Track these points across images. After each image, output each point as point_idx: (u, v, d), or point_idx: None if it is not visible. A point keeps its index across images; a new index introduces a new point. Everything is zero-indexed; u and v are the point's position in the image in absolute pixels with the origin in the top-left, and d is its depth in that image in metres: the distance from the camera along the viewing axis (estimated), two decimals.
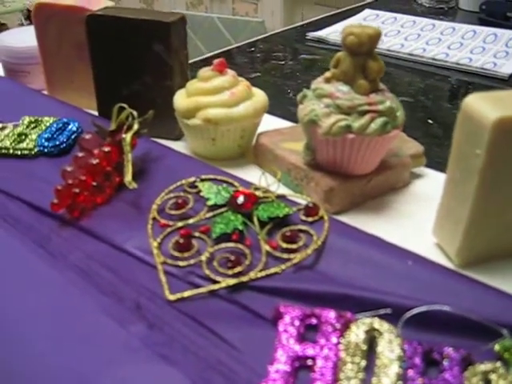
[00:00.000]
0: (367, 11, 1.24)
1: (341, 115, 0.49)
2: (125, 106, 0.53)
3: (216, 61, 0.59)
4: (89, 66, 0.64)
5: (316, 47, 1.08)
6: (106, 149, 0.52)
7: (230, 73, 0.60)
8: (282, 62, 1.01)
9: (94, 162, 0.51)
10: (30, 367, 0.37)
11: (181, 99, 0.59)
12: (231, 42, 1.96)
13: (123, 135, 0.52)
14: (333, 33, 1.11)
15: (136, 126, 0.53)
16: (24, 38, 0.74)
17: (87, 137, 0.53)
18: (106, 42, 0.61)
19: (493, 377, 0.34)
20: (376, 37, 0.49)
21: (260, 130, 0.62)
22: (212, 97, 0.57)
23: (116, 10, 0.61)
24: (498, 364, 0.34)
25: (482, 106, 0.41)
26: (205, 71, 0.59)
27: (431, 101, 0.87)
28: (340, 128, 0.48)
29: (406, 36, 1.10)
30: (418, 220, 0.52)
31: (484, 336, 0.36)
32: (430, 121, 0.79)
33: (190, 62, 1.00)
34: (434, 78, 0.95)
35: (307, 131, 0.52)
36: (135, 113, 0.53)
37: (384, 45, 1.05)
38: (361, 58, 0.49)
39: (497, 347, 0.36)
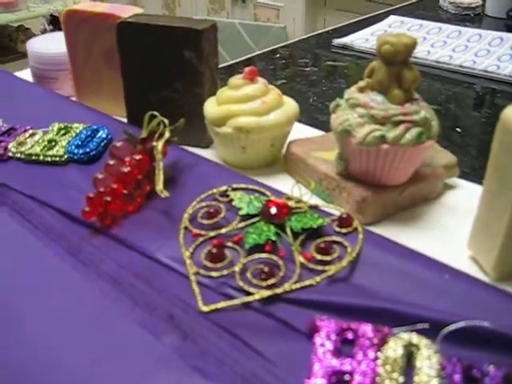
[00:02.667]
0: (392, 18, 1.24)
1: (375, 125, 0.48)
2: (156, 113, 0.53)
3: (247, 69, 0.59)
4: (118, 72, 0.64)
5: (341, 54, 1.08)
6: (138, 157, 0.52)
7: (261, 81, 0.59)
8: (307, 69, 1.00)
9: (126, 170, 0.50)
10: (62, 378, 0.36)
11: (211, 107, 0.59)
12: (252, 47, 1.96)
13: (154, 143, 0.52)
14: (358, 39, 1.11)
15: (167, 134, 0.53)
16: (53, 44, 0.74)
17: (118, 144, 0.53)
18: (137, 48, 0.61)
19: None
20: (412, 46, 0.48)
21: (289, 138, 0.62)
22: (243, 105, 0.57)
23: (147, 18, 0.61)
24: None
25: None
26: (236, 79, 0.59)
27: (459, 109, 0.86)
28: (374, 138, 0.48)
29: (432, 43, 1.09)
30: (452, 232, 0.51)
31: None
32: (458, 129, 0.78)
33: (229, 63, 1.00)
34: (461, 85, 0.94)
35: (340, 141, 0.51)
36: (166, 121, 0.53)
37: None
38: (396, 67, 0.49)
39: None
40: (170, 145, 0.54)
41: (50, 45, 0.75)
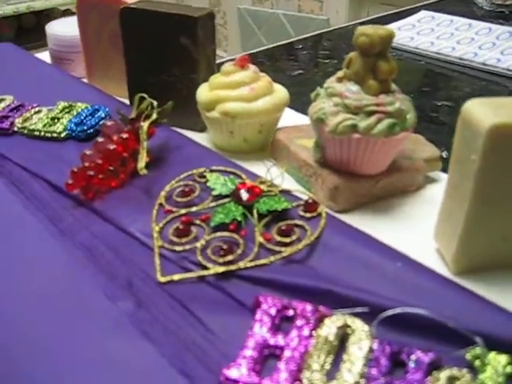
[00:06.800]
0: (423, 13, 1.22)
1: (348, 114, 0.49)
2: (145, 95, 0.55)
3: (238, 56, 0.60)
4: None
5: None
6: (124, 135, 0.54)
7: (252, 68, 0.61)
8: (327, 61, 1.01)
9: (111, 147, 0.53)
10: (22, 334, 0.39)
11: (203, 92, 0.61)
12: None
13: (141, 123, 0.55)
14: None
15: (154, 116, 0.55)
16: (70, 27, 0.77)
17: (109, 123, 0.56)
18: (138, 33, 0.64)
19: (457, 383, 0.34)
20: (388, 38, 0.49)
21: (284, 125, 0.63)
22: (232, 91, 0.59)
23: (149, 4, 0.63)
24: (465, 371, 0.34)
25: (479, 112, 0.41)
26: (227, 66, 0.60)
27: None
28: (345, 127, 0.49)
29: (458, 39, 1.08)
30: (425, 224, 0.51)
31: (459, 343, 0.36)
32: None
33: (249, 52, 1.02)
34: (482, 82, 0.93)
35: (316, 129, 0.52)
36: (155, 103, 0.56)
37: (434, 47, 1.04)
38: (372, 58, 0.49)
39: (468, 354, 0.35)
40: (159, 126, 0.57)
41: (67, 28, 0.78)
